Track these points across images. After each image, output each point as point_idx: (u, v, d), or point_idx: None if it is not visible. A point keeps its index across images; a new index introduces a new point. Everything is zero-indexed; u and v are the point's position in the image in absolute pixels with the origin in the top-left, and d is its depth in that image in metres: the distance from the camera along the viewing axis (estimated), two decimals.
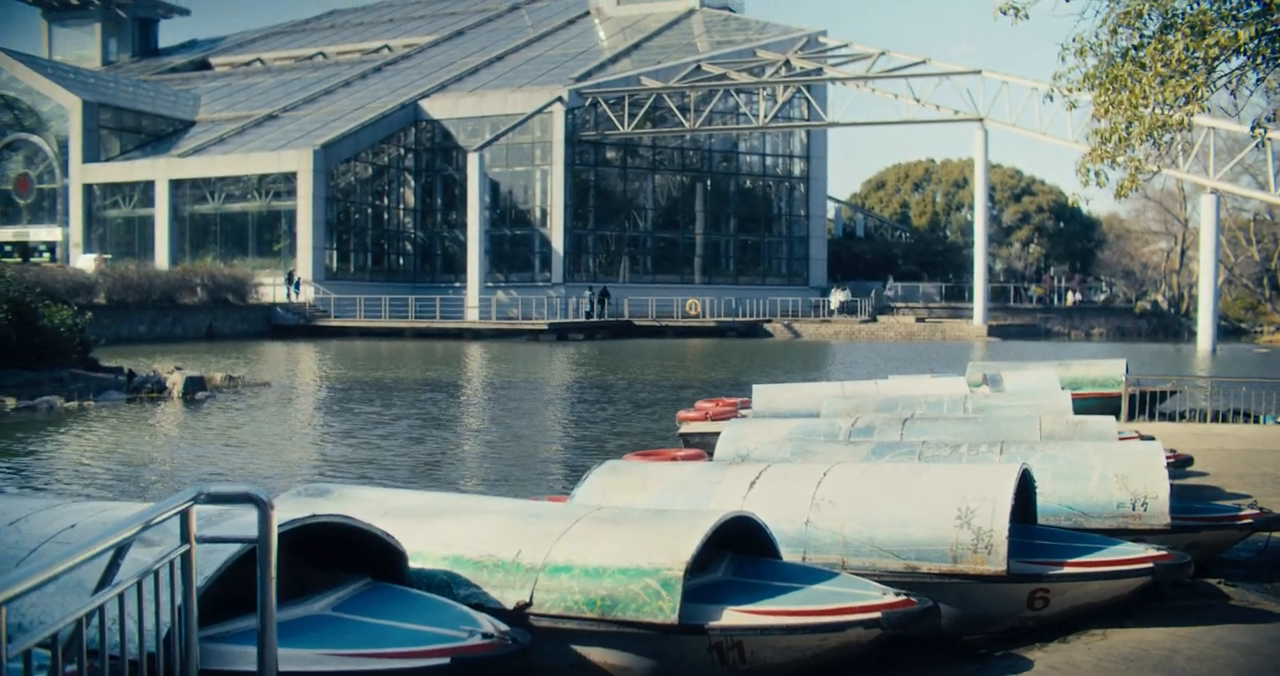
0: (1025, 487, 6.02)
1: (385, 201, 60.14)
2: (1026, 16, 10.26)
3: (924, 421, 9.04)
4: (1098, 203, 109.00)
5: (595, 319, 52.04)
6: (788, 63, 57.29)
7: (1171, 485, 6.53)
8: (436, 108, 59.34)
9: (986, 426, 8.73)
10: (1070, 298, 62.85)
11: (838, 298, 57.93)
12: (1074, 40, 10.34)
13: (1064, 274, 70.35)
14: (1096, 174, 10.91)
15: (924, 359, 32.71)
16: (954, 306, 60.02)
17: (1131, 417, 13.40)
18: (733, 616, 4.61)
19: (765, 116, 57.83)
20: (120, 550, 2.84)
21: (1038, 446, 7.20)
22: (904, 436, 8.43)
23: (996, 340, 48.17)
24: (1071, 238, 78.25)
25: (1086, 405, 11.93)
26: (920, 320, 56.04)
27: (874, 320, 56.00)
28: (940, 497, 5.54)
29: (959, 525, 5.37)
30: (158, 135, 61.49)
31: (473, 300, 51.40)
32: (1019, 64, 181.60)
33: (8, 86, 59.56)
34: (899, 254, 75.31)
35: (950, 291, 65.02)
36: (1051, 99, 11.75)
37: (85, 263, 49.91)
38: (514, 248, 57.89)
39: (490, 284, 53.52)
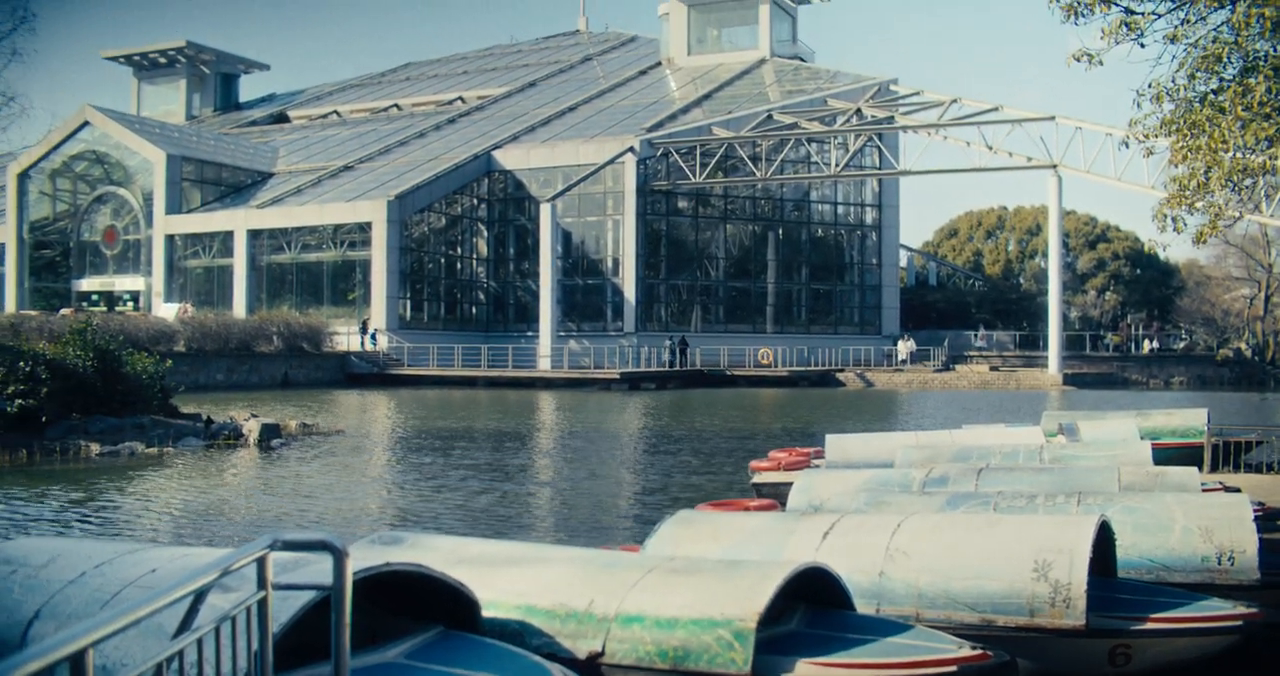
0: (1104, 540, 5.91)
1: (458, 251, 60.81)
2: (1100, 63, 10.20)
3: (999, 472, 8.92)
4: (1176, 249, 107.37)
5: (675, 368, 52.08)
6: (859, 111, 57.32)
7: (1261, 539, 6.35)
8: (509, 158, 60.05)
9: (1063, 477, 8.58)
10: (1146, 345, 61.75)
11: (904, 348, 57.46)
12: (1150, 86, 10.26)
13: (1141, 321, 69.18)
14: (1174, 220, 10.77)
15: (998, 408, 32.28)
16: (1028, 355, 59.21)
17: (1215, 469, 13.08)
18: (806, 669, 4.56)
19: (837, 165, 57.82)
20: (199, 596, 2.88)
21: (1116, 497, 7.06)
22: (979, 487, 8.32)
23: (1072, 389, 47.44)
24: (1149, 284, 77.05)
25: (1167, 455, 11.69)
26: (994, 369, 55.34)
27: (947, 369, 55.41)
28: (1016, 549, 5.45)
29: (1036, 577, 5.28)
30: (237, 187, 62.88)
31: (545, 349, 51.66)
32: (1092, 109, 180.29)
33: (100, 142, 61.41)
34: (972, 302, 74.59)
35: (1024, 340, 64.20)
36: (1127, 145, 11.65)
37: (166, 311, 51.00)
38: (586, 297, 58.17)
39: (562, 333, 53.80)
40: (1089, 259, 77.66)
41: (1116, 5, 9.93)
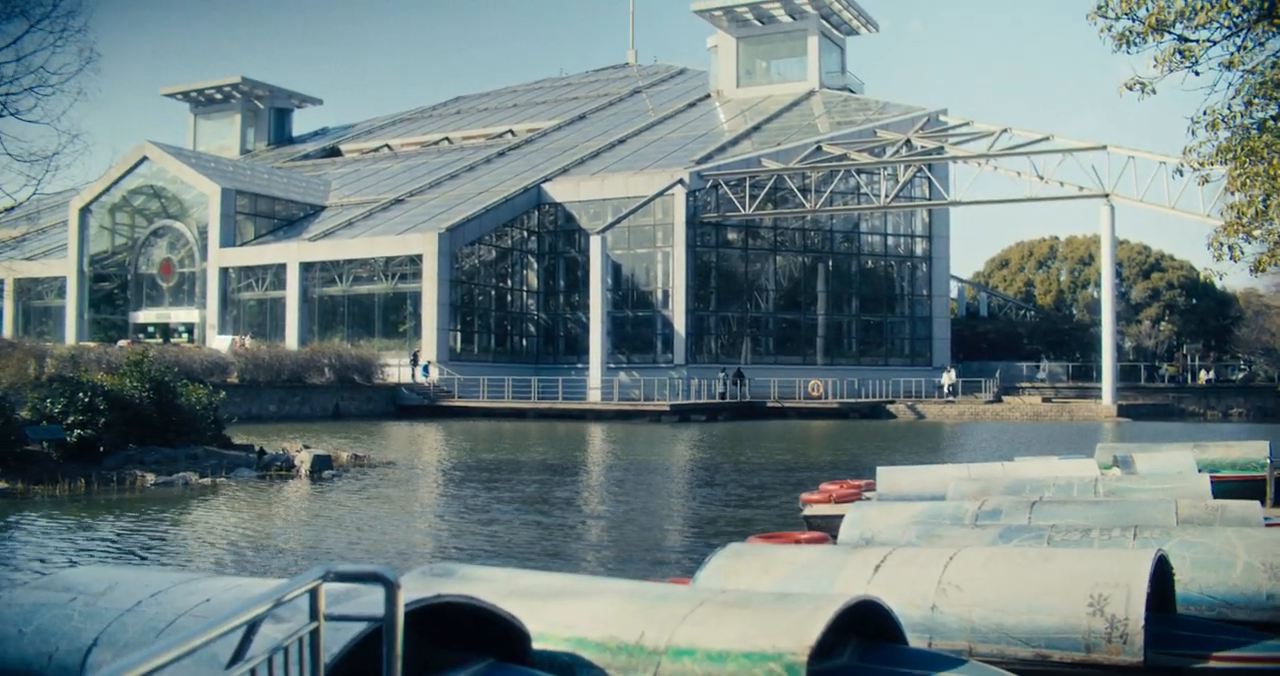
0: (1162, 575, 5.80)
1: (509, 283, 61.13)
2: (1153, 91, 10.12)
3: (1053, 504, 8.79)
4: (1233, 277, 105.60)
5: (730, 400, 51.97)
6: (908, 142, 57.20)
7: None
8: (559, 191, 60.40)
9: (1119, 510, 8.45)
10: (1203, 376, 60.80)
11: (947, 380, 56.99)
12: (1205, 113, 10.17)
13: (1197, 352, 68.22)
14: (1231, 248, 10.64)
15: (1051, 440, 31.90)
16: (1081, 386, 58.58)
17: (1278, 503, 12.83)
18: None
19: (886, 196, 57.68)
20: (253, 626, 2.89)
21: (1174, 531, 6.93)
22: (1032, 520, 8.21)
23: (1127, 420, 46.83)
24: (1205, 314, 76.00)
25: (1226, 489, 11.47)
26: (1047, 400, 54.78)
27: (999, 401, 54.90)
28: (1071, 584, 5.37)
29: (1091, 612, 5.19)
30: (290, 220, 63.68)
31: (595, 381, 51.71)
32: (1145, 137, 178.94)
33: (157, 177, 62.50)
34: (1024, 333, 73.92)
35: (1078, 371, 63.54)
36: (1182, 173, 11.55)
37: (220, 343, 51.62)
38: (636, 329, 58.23)
39: (612, 365, 53.84)
40: (1143, 288, 76.79)
41: (1170, 33, 9.87)
